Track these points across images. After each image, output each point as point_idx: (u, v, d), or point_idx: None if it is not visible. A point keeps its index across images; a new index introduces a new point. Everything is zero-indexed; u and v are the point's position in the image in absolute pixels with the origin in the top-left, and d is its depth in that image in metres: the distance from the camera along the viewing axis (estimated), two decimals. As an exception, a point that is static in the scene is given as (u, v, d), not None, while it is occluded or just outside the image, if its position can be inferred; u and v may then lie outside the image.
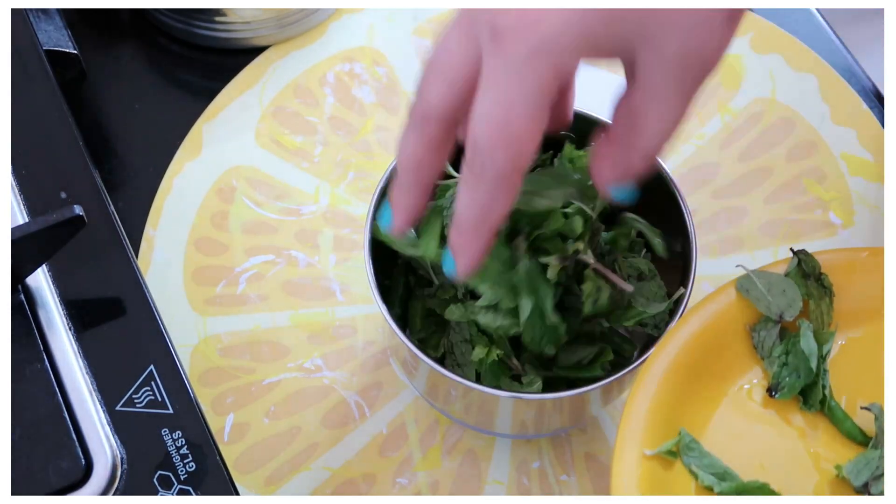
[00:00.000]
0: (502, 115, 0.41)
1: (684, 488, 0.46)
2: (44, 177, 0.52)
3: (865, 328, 0.50)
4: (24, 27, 0.57)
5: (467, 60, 0.42)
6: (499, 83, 0.41)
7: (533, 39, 0.40)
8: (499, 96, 0.41)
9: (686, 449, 0.46)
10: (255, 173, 0.63)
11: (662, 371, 0.47)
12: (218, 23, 0.66)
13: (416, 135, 0.44)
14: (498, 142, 0.41)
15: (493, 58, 0.41)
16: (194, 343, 0.58)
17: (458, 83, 0.43)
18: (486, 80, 0.41)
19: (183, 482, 0.45)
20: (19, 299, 0.48)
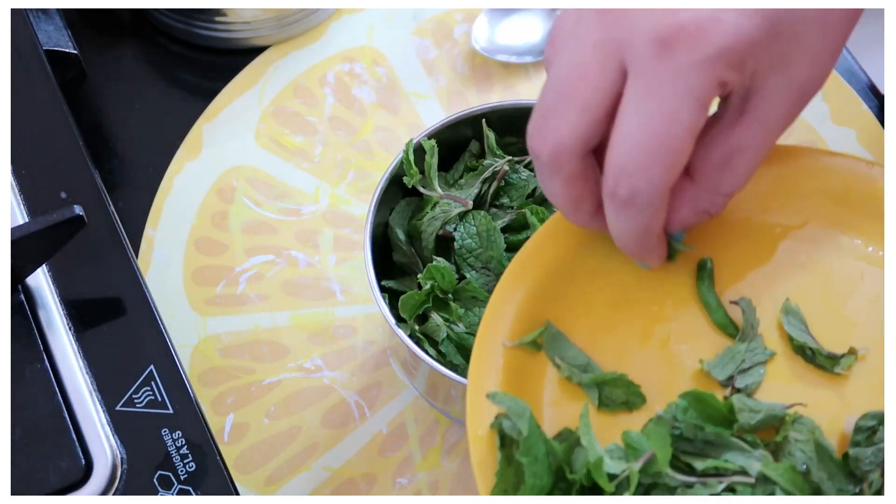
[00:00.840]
0: (664, 126, 0.38)
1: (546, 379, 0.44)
2: (44, 177, 0.52)
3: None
4: (24, 27, 0.57)
5: (606, 82, 0.38)
6: (662, 93, 0.37)
7: (710, 46, 0.37)
8: (661, 106, 0.37)
9: (550, 340, 0.44)
10: (255, 173, 0.63)
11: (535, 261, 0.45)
12: (218, 23, 0.66)
13: (557, 179, 0.40)
14: (657, 156, 0.38)
15: (654, 69, 0.37)
16: (194, 343, 0.58)
17: (595, 109, 0.39)
18: (640, 93, 0.38)
19: (183, 482, 0.45)
20: (19, 299, 0.48)
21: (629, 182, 0.38)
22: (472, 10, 0.69)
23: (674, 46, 0.37)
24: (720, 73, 0.37)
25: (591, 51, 0.38)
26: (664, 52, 0.37)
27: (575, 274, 0.45)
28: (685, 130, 0.38)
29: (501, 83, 0.66)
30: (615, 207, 0.40)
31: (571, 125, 0.39)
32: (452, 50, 0.68)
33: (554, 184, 0.41)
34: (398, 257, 0.53)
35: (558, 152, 0.39)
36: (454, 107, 0.65)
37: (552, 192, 0.41)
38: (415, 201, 0.54)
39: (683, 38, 0.37)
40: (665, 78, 0.37)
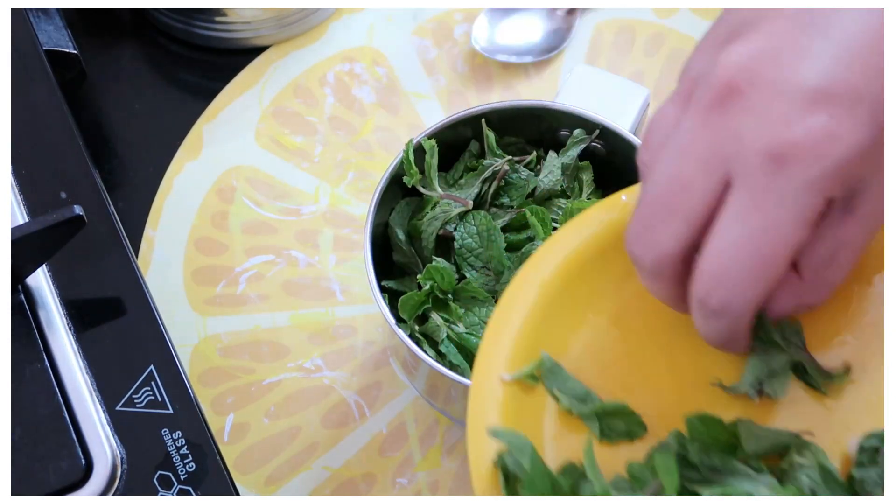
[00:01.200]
0: (766, 247, 0.37)
1: (546, 411, 0.43)
2: (44, 177, 0.52)
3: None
4: (24, 27, 0.57)
5: (710, 195, 0.37)
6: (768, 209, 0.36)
7: (827, 161, 0.36)
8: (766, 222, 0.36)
9: (548, 373, 0.43)
10: (255, 173, 0.63)
11: (532, 287, 0.44)
12: (218, 23, 0.66)
13: (659, 282, 0.40)
14: (754, 273, 0.37)
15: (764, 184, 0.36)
16: (194, 343, 0.58)
17: (697, 221, 0.38)
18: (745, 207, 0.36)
19: (183, 482, 0.45)
20: (19, 299, 0.48)
21: (722, 294, 0.38)
22: (472, 10, 0.69)
23: (787, 163, 0.36)
24: (831, 188, 0.36)
25: (695, 162, 0.37)
26: (777, 169, 0.36)
27: (576, 298, 0.45)
28: (788, 249, 0.37)
29: (501, 83, 0.66)
30: (704, 314, 0.39)
31: (674, 237, 0.38)
32: (452, 50, 0.68)
33: (658, 287, 0.41)
34: (398, 257, 0.53)
35: (660, 261, 0.39)
36: (454, 107, 0.65)
37: (655, 291, 0.41)
38: (415, 201, 0.54)
39: (798, 154, 0.35)
40: (775, 195, 0.36)
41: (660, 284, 0.40)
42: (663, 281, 0.40)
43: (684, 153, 0.38)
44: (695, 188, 0.37)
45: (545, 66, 0.67)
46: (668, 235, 0.38)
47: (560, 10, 0.67)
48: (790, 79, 0.36)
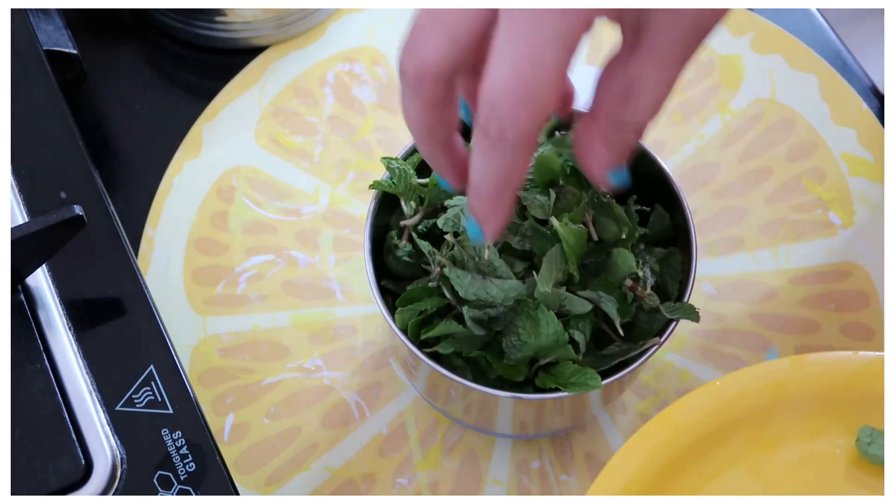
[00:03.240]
0: (529, 70, 0.38)
1: None
2: (44, 177, 0.52)
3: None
4: (24, 27, 0.57)
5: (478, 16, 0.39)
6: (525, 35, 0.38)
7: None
8: (525, 49, 0.38)
9: None
10: (255, 173, 0.63)
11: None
12: (218, 23, 0.66)
13: (416, 100, 0.41)
14: (523, 100, 0.38)
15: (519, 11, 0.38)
16: (194, 343, 0.58)
17: (463, 36, 0.39)
18: (506, 35, 0.38)
19: (183, 482, 0.45)
20: (19, 299, 0.48)
21: (498, 122, 0.39)
22: (472, 10, 0.68)
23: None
24: (583, 14, 0.38)
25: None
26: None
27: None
28: (551, 72, 0.38)
29: (501, 83, 0.66)
30: (485, 146, 0.40)
31: (438, 49, 0.39)
32: (452, 50, 0.67)
33: (413, 106, 0.41)
34: (394, 264, 0.53)
35: (422, 73, 0.40)
36: (454, 107, 0.65)
37: (409, 114, 0.42)
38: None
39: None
40: (528, 21, 0.37)
41: (417, 103, 0.41)
42: (421, 99, 0.41)
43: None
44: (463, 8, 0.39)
45: (545, 66, 0.67)
46: (433, 48, 0.39)
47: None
48: None
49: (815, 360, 0.48)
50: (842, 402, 0.47)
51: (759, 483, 0.46)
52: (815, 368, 0.47)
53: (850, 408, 0.47)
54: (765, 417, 0.47)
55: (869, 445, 0.46)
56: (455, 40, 0.39)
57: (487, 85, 0.39)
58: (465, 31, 0.39)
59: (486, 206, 0.42)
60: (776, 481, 0.46)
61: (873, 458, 0.46)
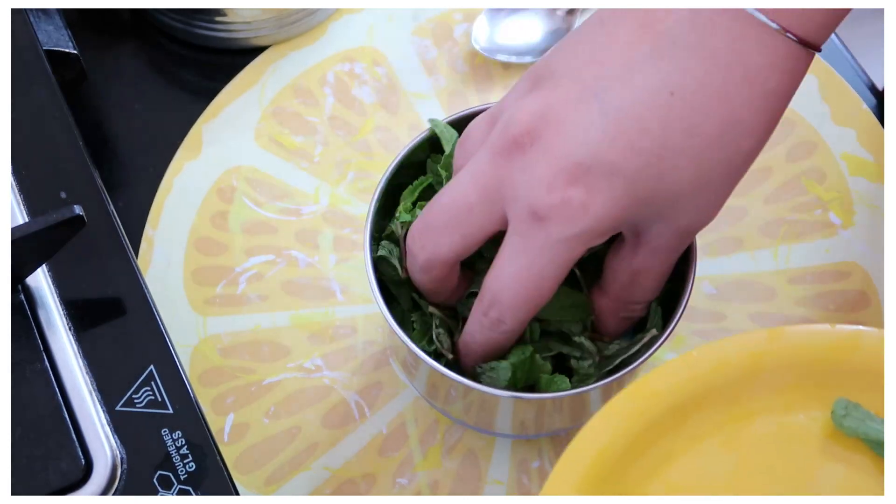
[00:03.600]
0: (533, 282, 0.45)
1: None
2: (44, 177, 0.52)
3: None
4: (24, 27, 0.57)
5: (488, 225, 0.45)
6: (532, 255, 0.44)
7: (576, 228, 0.43)
8: (531, 265, 0.44)
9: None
10: (255, 173, 0.63)
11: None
12: (218, 23, 0.66)
13: (424, 276, 0.48)
14: (524, 302, 0.45)
15: (528, 234, 0.44)
16: (194, 343, 0.58)
17: (474, 239, 0.46)
18: (516, 248, 0.45)
19: (183, 482, 0.45)
20: (19, 299, 0.48)
21: (499, 311, 0.46)
22: (472, 10, 0.69)
23: (546, 222, 0.43)
24: (585, 245, 0.44)
25: (481, 192, 0.45)
26: (538, 224, 0.43)
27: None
28: (549, 284, 0.45)
29: (501, 83, 0.66)
30: (483, 324, 0.47)
31: (450, 246, 0.46)
32: (452, 50, 0.68)
33: (421, 279, 0.48)
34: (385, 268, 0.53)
35: (432, 262, 0.47)
36: (454, 107, 0.65)
37: (417, 281, 0.49)
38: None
39: (554, 217, 0.43)
40: (535, 244, 0.44)
41: (426, 276, 0.48)
42: (430, 275, 0.48)
43: (475, 179, 0.45)
44: (475, 214, 0.45)
45: (545, 66, 0.67)
46: (445, 244, 0.46)
47: (560, 10, 0.67)
48: (562, 148, 0.43)
49: (793, 333, 0.48)
50: (818, 375, 0.47)
51: (733, 454, 0.46)
52: (792, 341, 0.47)
53: (826, 381, 0.47)
54: (741, 389, 0.47)
55: (844, 418, 0.46)
56: (466, 239, 0.46)
57: (494, 279, 0.46)
58: (474, 235, 0.46)
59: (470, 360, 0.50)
60: (751, 453, 0.46)
61: (848, 430, 0.46)
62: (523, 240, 0.44)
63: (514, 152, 0.44)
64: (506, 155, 0.44)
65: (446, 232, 0.46)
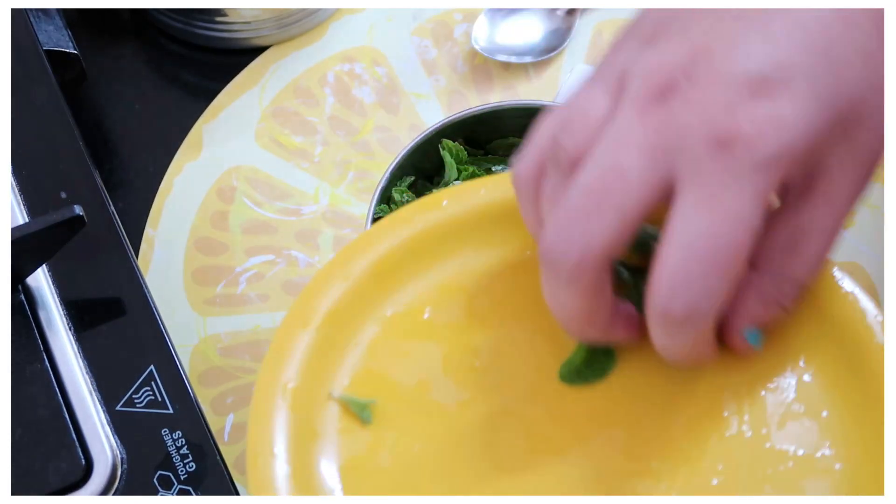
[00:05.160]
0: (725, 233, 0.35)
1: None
2: (44, 177, 0.52)
3: None
4: (24, 27, 0.57)
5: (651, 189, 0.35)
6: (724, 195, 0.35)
7: (773, 144, 0.35)
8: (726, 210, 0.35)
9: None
10: (255, 173, 0.63)
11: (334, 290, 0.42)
12: (218, 23, 0.66)
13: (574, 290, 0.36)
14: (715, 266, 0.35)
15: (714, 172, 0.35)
16: (194, 343, 0.58)
17: (634, 216, 0.35)
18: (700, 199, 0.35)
19: (183, 482, 0.45)
20: (19, 299, 0.48)
21: (686, 296, 0.35)
22: (472, 10, 0.69)
23: (735, 147, 0.34)
24: (784, 169, 0.35)
25: (635, 151, 0.35)
26: (724, 154, 0.34)
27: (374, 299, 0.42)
28: (748, 231, 0.35)
29: (501, 83, 0.66)
30: (667, 326, 0.36)
31: (607, 230, 0.35)
32: (452, 50, 0.68)
33: (569, 294, 0.37)
34: None
35: (585, 259, 0.36)
36: (454, 107, 0.65)
37: (567, 306, 0.37)
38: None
39: (744, 138, 0.34)
40: (726, 180, 0.34)
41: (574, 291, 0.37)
42: (580, 287, 0.36)
43: (622, 143, 0.35)
44: (632, 178, 0.35)
45: (545, 66, 0.67)
46: (599, 230, 0.35)
47: (560, 10, 0.67)
48: (727, 70, 0.35)
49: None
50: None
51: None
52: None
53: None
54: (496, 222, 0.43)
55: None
56: (625, 216, 0.35)
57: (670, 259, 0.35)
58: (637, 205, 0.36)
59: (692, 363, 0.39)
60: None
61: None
62: (707, 184, 0.35)
63: (669, 95, 0.35)
64: (657, 102, 0.36)
65: (598, 214, 0.35)
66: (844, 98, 0.36)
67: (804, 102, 0.35)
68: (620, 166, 0.35)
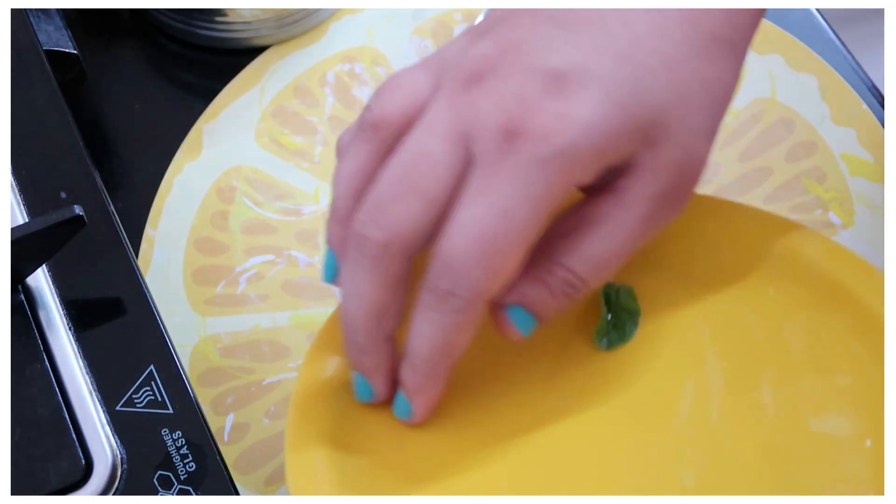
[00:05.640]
0: (494, 226, 0.36)
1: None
2: (44, 177, 0.52)
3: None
4: (24, 27, 0.57)
5: (452, 175, 0.37)
6: (499, 188, 0.36)
7: (555, 143, 0.36)
8: (496, 202, 0.36)
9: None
10: (255, 173, 0.63)
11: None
12: (218, 23, 0.66)
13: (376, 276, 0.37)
14: (481, 257, 0.36)
15: (495, 161, 0.36)
16: (194, 343, 0.58)
17: (439, 200, 0.37)
18: (478, 186, 0.36)
19: (183, 482, 0.45)
20: (19, 299, 0.48)
21: (451, 279, 0.36)
22: (472, 10, 0.69)
23: (519, 140, 0.35)
24: (565, 172, 0.36)
25: (439, 139, 0.37)
26: (506, 145, 0.36)
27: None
28: (516, 231, 0.36)
29: (501, 83, 0.66)
30: (429, 303, 0.37)
31: (414, 215, 0.37)
32: (452, 50, 0.67)
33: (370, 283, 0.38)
34: None
35: (391, 244, 0.37)
36: (454, 107, 0.65)
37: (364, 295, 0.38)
38: None
39: (530, 131, 0.35)
40: (504, 172, 0.36)
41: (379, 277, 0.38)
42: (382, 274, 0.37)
43: (430, 130, 0.37)
44: (436, 163, 0.37)
45: (545, 66, 0.67)
46: (407, 214, 0.37)
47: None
48: (530, 64, 0.37)
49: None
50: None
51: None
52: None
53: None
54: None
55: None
56: (431, 203, 0.37)
57: (447, 238, 0.36)
58: (440, 193, 0.37)
59: (419, 379, 0.39)
60: None
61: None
62: (488, 173, 0.36)
63: (475, 83, 0.37)
64: (466, 89, 0.37)
65: (407, 200, 0.37)
66: (644, 105, 0.37)
67: (596, 104, 0.36)
68: (426, 153, 0.37)
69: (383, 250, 0.37)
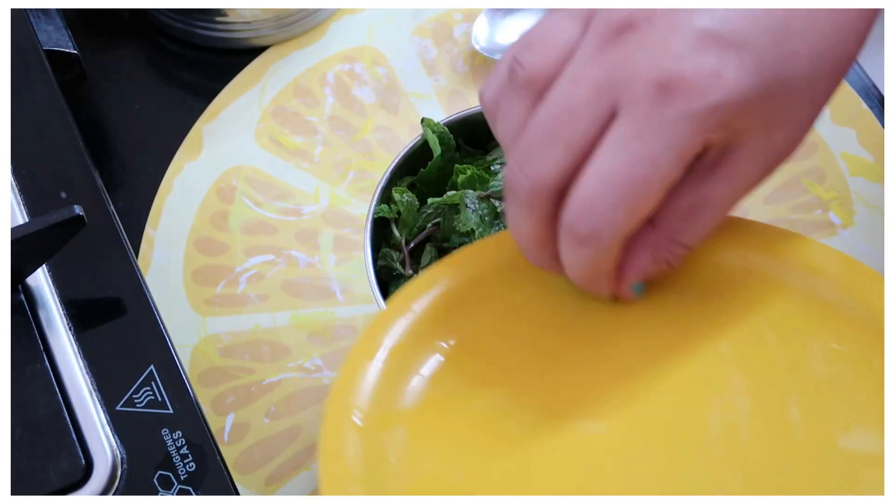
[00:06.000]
0: (639, 173, 0.37)
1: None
2: (44, 177, 0.52)
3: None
4: (24, 27, 0.57)
5: (595, 124, 0.38)
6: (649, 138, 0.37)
7: (707, 99, 0.37)
8: (644, 151, 0.37)
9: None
10: (255, 173, 0.63)
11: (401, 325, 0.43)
12: (218, 23, 0.66)
13: (531, 216, 0.40)
14: (623, 201, 0.38)
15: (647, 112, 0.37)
16: (194, 343, 0.58)
17: (580, 148, 0.38)
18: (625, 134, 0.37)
19: (183, 482, 0.45)
20: (19, 299, 0.48)
21: (591, 219, 0.38)
22: (472, 10, 0.69)
23: (672, 94, 0.37)
24: (709, 128, 0.38)
25: (585, 89, 0.38)
26: (661, 98, 0.37)
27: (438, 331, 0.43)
28: (660, 179, 0.38)
29: (501, 83, 0.66)
30: (571, 242, 0.39)
31: (556, 163, 0.39)
32: (452, 50, 0.68)
33: (526, 222, 0.41)
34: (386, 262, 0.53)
35: (538, 190, 0.39)
36: (454, 107, 0.65)
37: (522, 229, 0.41)
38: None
39: (684, 86, 0.37)
40: (656, 123, 0.37)
41: (533, 217, 0.40)
42: (534, 214, 0.40)
43: (576, 81, 0.38)
44: (581, 114, 0.38)
45: (545, 66, 0.67)
46: (550, 163, 0.39)
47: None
48: (685, 20, 0.37)
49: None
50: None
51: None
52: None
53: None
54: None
55: None
56: (572, 150, 0.38)
57: (587, 182, 0.38)
58: (581, 141, 0.38)
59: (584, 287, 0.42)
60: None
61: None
62: (637, 122, 0.37)
63: (627, 32, 0.38)
64: (614, 39, 0.38)
65: (549, 149, 0.39)
66: (783, 81, 0.38)
67: (746, 67, 0.37)
68: (572, 105, 0.38)
69: (532, 196, 0.39)
